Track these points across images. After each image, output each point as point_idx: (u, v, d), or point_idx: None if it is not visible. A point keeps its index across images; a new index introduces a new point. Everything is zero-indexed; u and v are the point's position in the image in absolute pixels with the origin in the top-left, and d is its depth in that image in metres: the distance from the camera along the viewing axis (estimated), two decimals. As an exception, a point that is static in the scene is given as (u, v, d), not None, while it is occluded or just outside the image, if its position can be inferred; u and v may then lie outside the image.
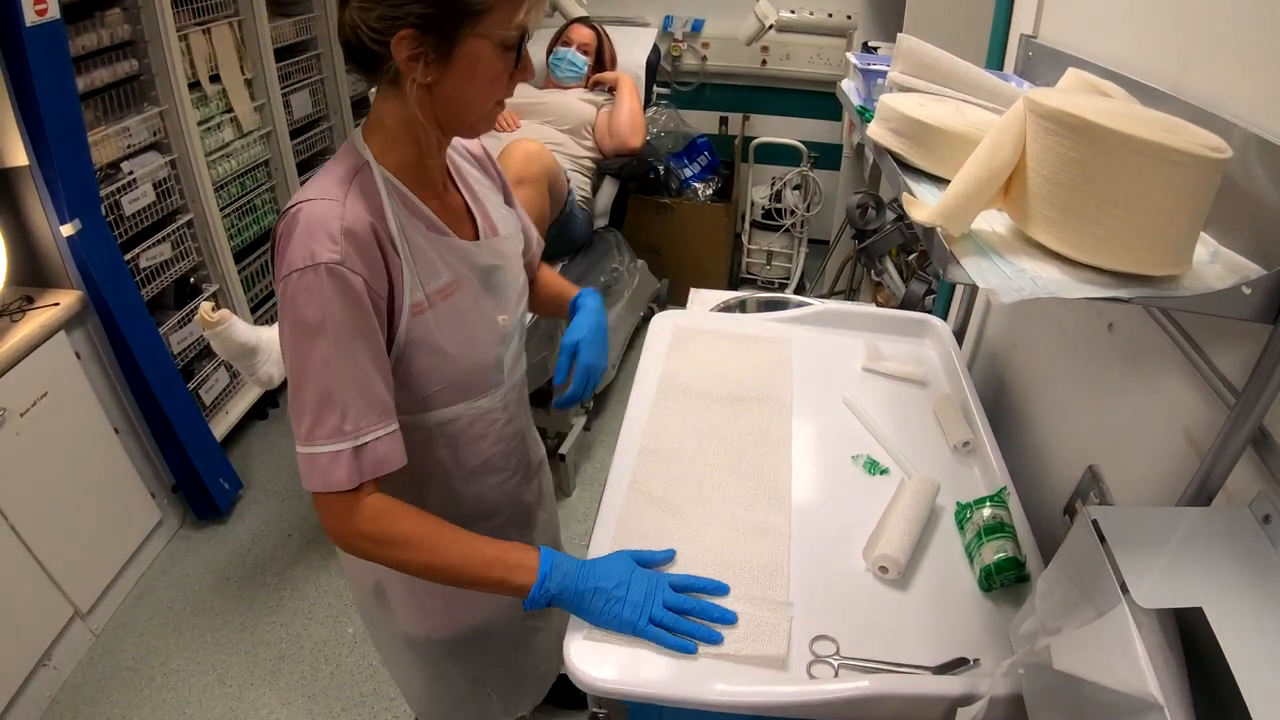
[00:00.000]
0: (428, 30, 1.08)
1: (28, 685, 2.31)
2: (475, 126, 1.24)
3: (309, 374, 1.10)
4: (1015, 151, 0.92)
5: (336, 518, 1.14)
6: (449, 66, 1.12)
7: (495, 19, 1.10)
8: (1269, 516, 0.93)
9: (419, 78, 1.12)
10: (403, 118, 1.19)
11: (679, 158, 4.19)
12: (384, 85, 1.18)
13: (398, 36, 1.08)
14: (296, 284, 1.08)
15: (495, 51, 1.13)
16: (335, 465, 1.11)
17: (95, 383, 2.54)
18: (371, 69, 1.16)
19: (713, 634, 1.19)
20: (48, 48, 2.12)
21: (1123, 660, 0.79)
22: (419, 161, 1.24)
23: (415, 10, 1.07)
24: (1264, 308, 0.88)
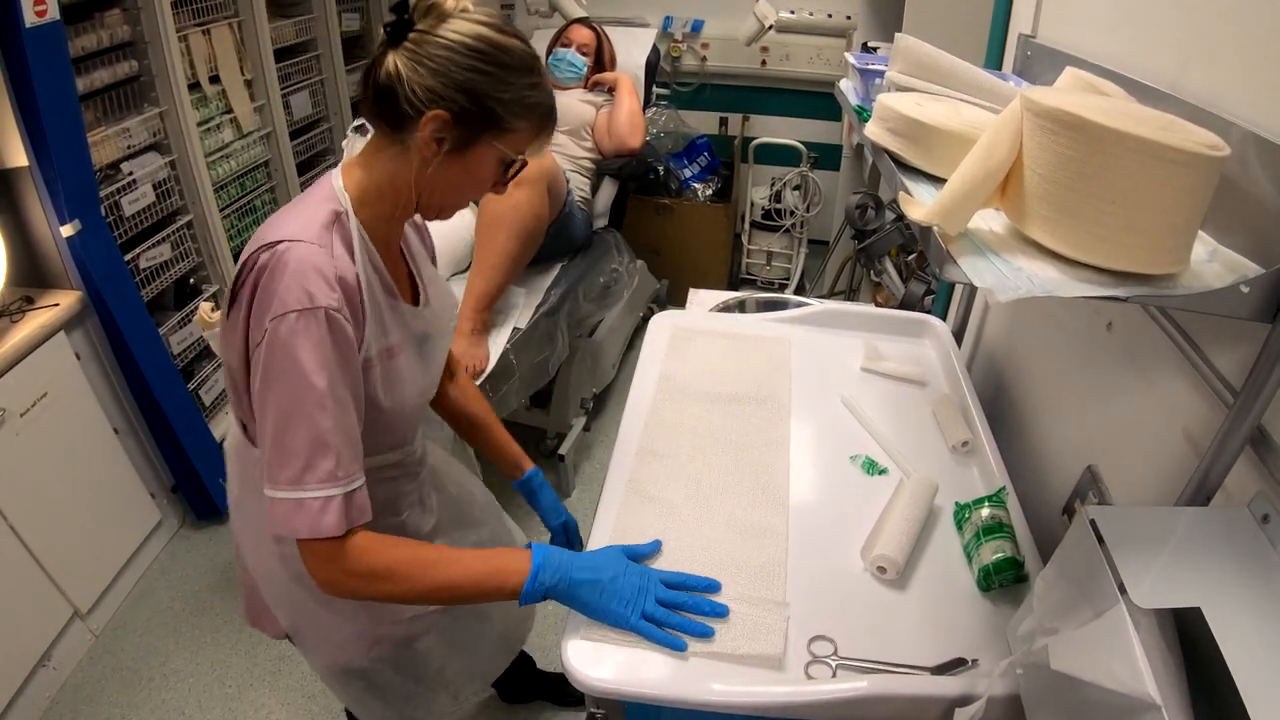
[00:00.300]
0: (459, 121, 1.14)
1: (27, 685, 2.31)
2: (445, 211, 1.29)
3: (301, 417, 1.09)
4: (1012, 150, 0.91)
5: (325, 562, 1.14)
6: (459, 158, 1.18)
7: (513, 138, 1.20)
8: (1268, 516, 0.93)
9: (429, 155, 1.16)
10: (392, 177, 1.21)
11: (679, 158, 4.19)
12: (389, 139, 1.19)
13: (434, 114, 1.12)
14: (293, 325, 1.07)
15: (497, 162, 1.22)
16: (327, 511, 1.11)
17: (95, 383, 2.53)
18: (388, 121, 1.17)
19: (704, 628, 1.19)
20: (47, 49, 2.12)
21: (1120, 661, 0.79)
22: (388, 221, 1.25)
23: (460, 100, 1.13)
24: (1262, 306, 0.87)
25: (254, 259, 1.11)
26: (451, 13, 1.15)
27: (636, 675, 1.16)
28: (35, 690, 2.34)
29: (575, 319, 3.08)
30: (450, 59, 1.12)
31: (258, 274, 1.10)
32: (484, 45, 1.14)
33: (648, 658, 1.18)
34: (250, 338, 1.10)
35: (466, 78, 1.13)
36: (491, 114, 1.16)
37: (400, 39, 1.14)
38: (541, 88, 1.22)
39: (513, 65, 1.17)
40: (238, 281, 1.13)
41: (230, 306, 1.15)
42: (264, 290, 1.08)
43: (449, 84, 1.13)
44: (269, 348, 1.07)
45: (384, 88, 1.14)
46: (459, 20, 1.14)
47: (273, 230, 1.13)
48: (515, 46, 1.18)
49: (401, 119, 1.15)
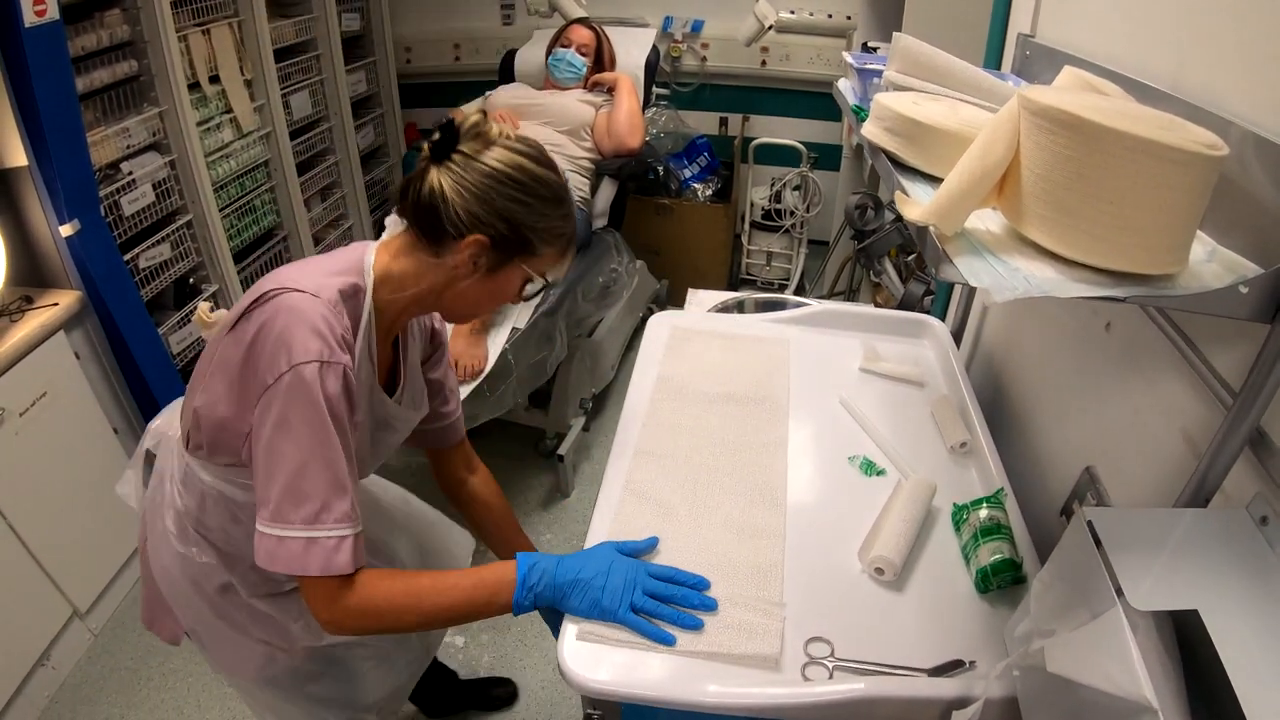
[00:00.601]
0: (496, 245, 1.24)
1: (26, 685, 2.31)
2: (466, 318, 1.42)
3: (322, 461, 1.12)
4: (1009, 149, 0.91)
5: (330, 601, 1.16)
6: (489, 276, 1.28)
7: (540, 261, 1.30)
8: (1266, 518, 0.92)
9: (464, 273, 1.26)
10: (418, 277, 1.27)
11: (678, 158, 4.18)
12: (424, 246, 1.26)
13: (475, 239, 1.22)
14: (316, 373, 1.10)
15: (520, 281, 1.32)
16: (340, 550, 1.14)
17: (94, 383, 2.53)
18: (427, 233, 1.25)
19: (693, 620, 1.21)
20: (47, 48, 2.12)
21: (1117, 663, 0.79)
22: (399, 312, 1.31)
23: (499, 227, 1.22)
24: (1261, 307, 0.87)
25: (271, 295, 1.14)
26: (495, 140, 1.24)
27: (633, 676, 1.15)
28: (34, 689, 2.34)
29: (574, 319, 3.07)
30: (493, 187, 1.21)
31: (274, 313, 1.12)
32: (523, 177, 1.23)
33: (644, 659, 1.17)
34: (261, 372, 1.12)
35: (506, 206, 1.22)
36: (526, 241, 1.25)
37: (444, 157, 1.22)
38: (570, 218, 1.32)
39: (548, 197, 1.26)
40: (247, 311, 1.16)
41: (232, 327, 1.17)
42: (283, 333, 1.11)
43: (490, 211, 1.21)
44: (290, 391, 1.10)
45: (427, 203, 1.21)
46: (500, 149, 1.23)
47: (293, 276, 1.17)
48: (550, 179, 1.27)
49: (441, 234, 1.23)
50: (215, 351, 1.21)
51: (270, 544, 1.13)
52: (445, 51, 4.63)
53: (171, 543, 1.37)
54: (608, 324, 3.45)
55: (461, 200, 1.20)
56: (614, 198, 3.41)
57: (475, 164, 1.21)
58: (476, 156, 1.22)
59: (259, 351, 1.12)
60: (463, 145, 1.22)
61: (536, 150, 1.28)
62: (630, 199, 3.84)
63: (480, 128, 1.24)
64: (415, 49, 4.63)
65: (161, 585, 1.44)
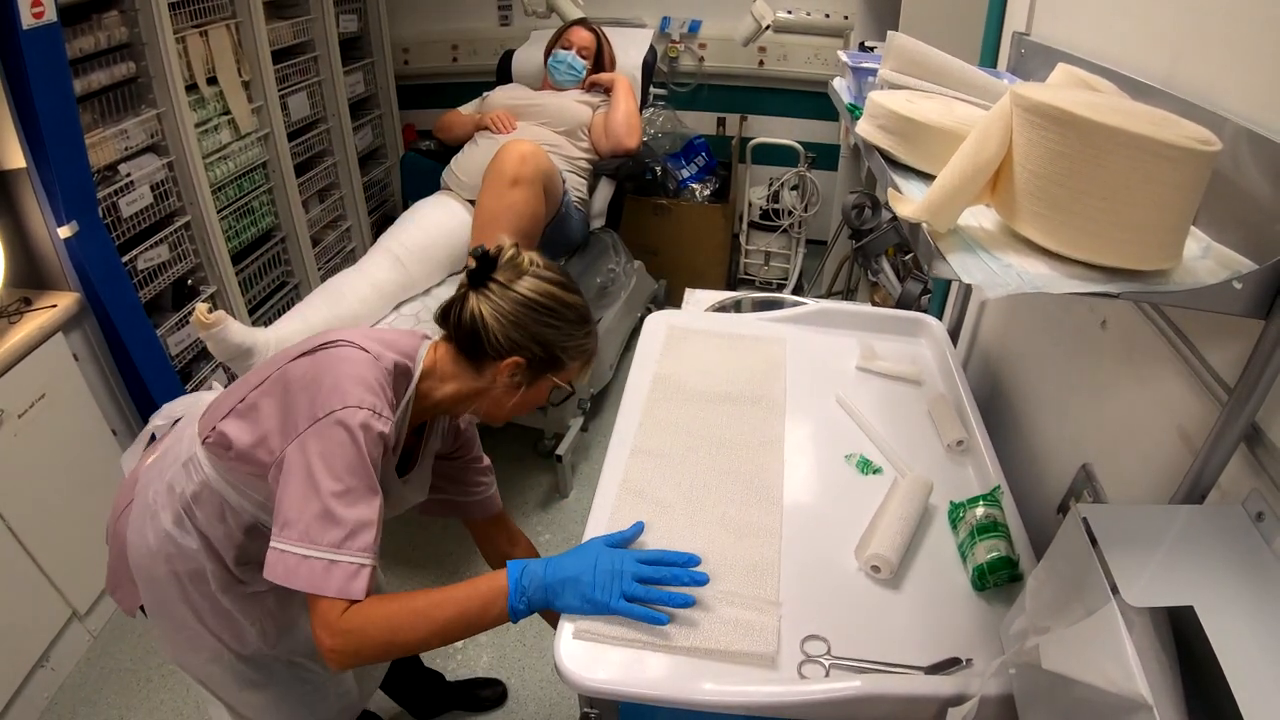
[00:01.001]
0: (531, 365, 1.39)
1: (25, 686, 2.31)
2: (497, 421, 1.53)
3: (359, 494, 1.21)
4: (1001, 146, 0.91)
5: (334, 621, 1.18)
6: (522, 389, 1.43)
7: (567, 373, 1.47)
8: (1262, 514, 0.92)
9: (500, 390, 1.42)
10: (459, 383, 1.43)
11: (676, 158, 4.18)
12: (465, 360, 1.42)
13: (514, 360, 1.37)
14: (366, 419, 1.22)
15: (548, 390, 1.47)
16: (358, 577, 1.20)
17: (93, 384, 2.53)
18: (469, 353, 1.41)
19: (685, 598, 1.24)
20: (45, 50, 2.11)
21: (1112, 660, 0.79)
22: (433, 405, 1.44)
23: (535, 350, 1.38)
24: (1256, 303, 0.87)
25: (339, 343, 1.30)
26: (526, 270, 1.39)
27: (630, 675, 1.15)
28: (34, 691, 2.34)
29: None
30: (528, 315, 1.36)
31: (339, 360, 1.27)
32: (554, 304, 1.38)
33: (641, 657, 1.17)
34: (314, 404, 1.23)
35: (540, 331, 1.37)
36: (557, 359, 1.41)
37: (481, 284, 1.38)
38: (594, 335, 1.48)
39: (575, 320, 1.41)
40: (313, 350, 1.31)
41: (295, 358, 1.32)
42: (342, 378, 1.24)
43: (526, 335, 1.37)
44: (339, 428, 1.20)
45: (469, 328, 1.37)
46: (532, 278, 1.38)
47: (359, 338, 1.33)
48: (577, 303, 1.42)
49: (482, 355, 1.39)
50: (268, 372, 1.34)
51: (292, 561, 1.18)
52: (443, 52, 4.62)
53: (160, 519, 1.40)
54: (606, 324, 3.45)
55: (500, 327, 1.35)
56: (612, 198, 3.41)
57: (510, 293, 1.36)
58: (511, 285, 1.36)
59: (317, 386, 1.24)
60: (498, 274, 1.37)
61: (565, 276, 1.43)
62: (628, 199, 3.84)
63: (515, 259, 1.39)
64: (413, 50, 4.63)
65: (132, 557, 1.46)
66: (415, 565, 2.82)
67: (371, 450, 1.22)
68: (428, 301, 2.76)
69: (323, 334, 1.36)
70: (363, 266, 2.70)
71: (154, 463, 1.48)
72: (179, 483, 1.39)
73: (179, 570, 1.41)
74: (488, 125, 3.19)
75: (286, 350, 1.38)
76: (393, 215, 3.69)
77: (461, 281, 1.41)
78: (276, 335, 2.37)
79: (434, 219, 2.87)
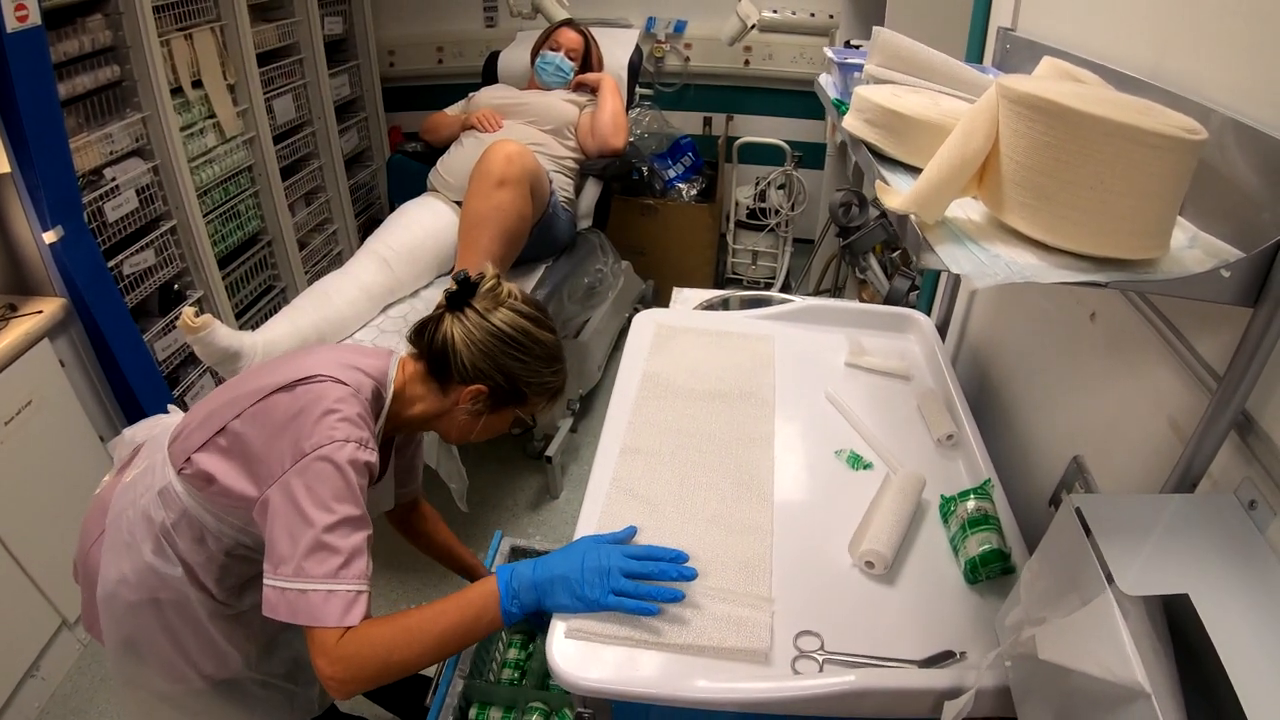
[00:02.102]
0: (493, 394, 1.43)
1: (16, 696, 2.29)
2: (457, 442, 1.62)
3: (350, 525, 1.22)
4: (988, 138, 0.91)
5: (330, 648, 1.18)
6: (485, 416, 1.47)
7: (529, 406, 1.50)
8: (1254, 502, 0.93)
9: (462, 411, 1.45)
10: (425, 403, 1.46)
11: (663, 158, 4.19)
12: (432, 379, 1.45)
13: (476, 389, 1.41)
14: (351, 454, 1.23)
15: (510, 419, 1.52)
16: (356, 604, 1.20)
17: (80, 390, 2.52)
18: (436, 373, 1.44)
19: (674, 593, 1.23)
20: (29, 54, 2.10)
21: (1109, 648, 0.79)
22: (401, 424, 1.48)
23: (498, 379, 1.41)
24: (1244, 291, 0.87)
25: (318, 379, 1.30)
26: (504, 301, 1.43)
27: (623, 674, 1.15)
28: (24, 700, 2.32)
29: (560, 320, 3.07)
30: (496, 345, 1.40)
31: (320, 396, 1.27)
32: (525, 339, 1.42)
33: (634, 656, 1.17)
34: (300, 441, 1.23)
35: (507, 364, 1.41)
36: (520, 393, 1.45)
37: (459, 308, 1.42)
38: (561, 373, 1.51)
39: (544, 356, 1.45)
40: (291, 385, 1.30)
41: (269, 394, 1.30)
42: (326, 414, 1.25)
43: (492, 366, 1.40)
44: (327, 462, 1.21)
45: (440, 349, 1.41)
46: (508, 311, 1.42)
47: (334, 368, 1.33)
48: (548, 340, 1.46)
49: (448, 377, 1.42)
50: (246, 403, 1.32)
51: (291, 596, 1.18)
52: (428, 54, 4.62)
53: (140, 550, 1.38)
54: (594, 325, 3.45)
55: (469, 353, 1.39)
56: (599, 198, 3.41)
57: (485, 322, 1.39)
58: (487, 315, 1.40)
59: (299, 425, 1.24)
60: (477, 301, 1.41)
61: (540, 312, 1.46)
62: (615, 199, 3.84)
63: (494, 290, 1.43)
64: (398, 52, 4.62)
65: (102, 587, 1.43)
66: (406, 568, 2.81)
67: (359, 480, 1.24)
68: (415, 303, 2.76)
69: (296, 362, 1.35)
70: (350, 269, 2.69)
71: (123, 490, 1.46)
72: (155, 512, 1.37)
73: (161, 599, 1.40)
74: (474, 124, 3.18)
75: (259, 375, 1.37)
76: (379, 218, 3.68)
77: (440, 301, 1.44)
78: (264, 339, 2.36)
79: (421, 220, 2.86)
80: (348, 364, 1.36)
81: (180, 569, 1.38)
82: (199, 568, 1.39)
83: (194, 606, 1.41)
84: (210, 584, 1.40)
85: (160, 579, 1.38)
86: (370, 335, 2.60)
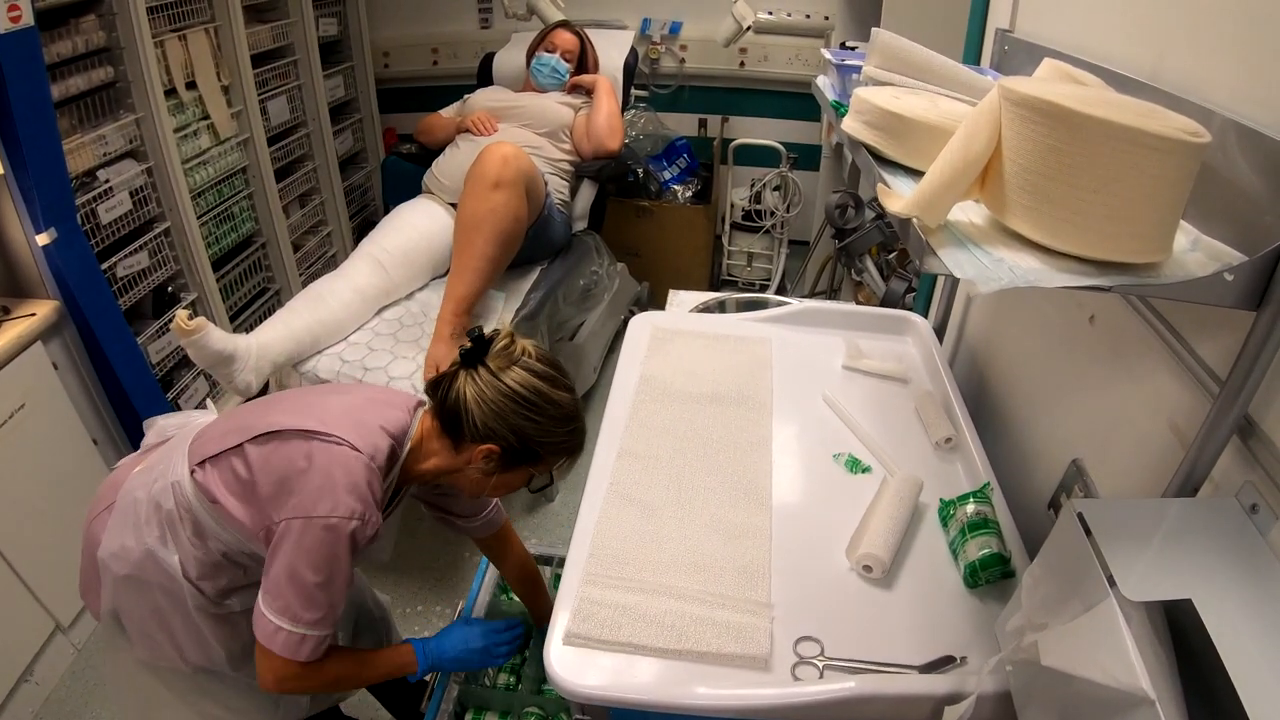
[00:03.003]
0: (505, 454, 1.40)
1: (10, 701, 2.28)
2: (473, 497, 1.60)
3: (334, 588, 1.32)
4: (990, 140, 0.91)
5: (281, 673, 1.34)
6: (498, 475, 1.45)
7: (544, 465, 1.47)
8: (1256, 506, 0.92)
9: (476, 473, 1.43)
10: (439, 459, 1.45)
11: (658, 160, 4.18)
12: (448, 437, 1.43)
13: (488, 448, 1.39)
14: (353, 529, 1.28)
15: (526, 478, 1.50)
16: (321, 646, 1.34)
17: (73, 393, 2.50)
18: (449, 430, 1.42)
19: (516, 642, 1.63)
20: (21, 55, 2.09)
21: (1112, 654, 0.78)
22: (414, 477, 1.48)
23: (510, 439, 1.39)
24: (1246, 294, 0.87)
25: (331, 440, 1.31)
26: (517, 359, 1.41)
27: (621, 680, 1.15)
28: (18, 705, 2.31)
29: (556, 322, 3.07)
30: (509, 406, 1.37)
31: (329, 462, 1.29)
32: (539, 400, 1.39)
33: (632, 662, 1.17)
34: (303, 502, 1.28)
35: (519, 425, 1.38)
36: (534, 453, 1.42)
37: (473, 365, 1.40)
38: (578, 432, 1.47)
39: (558, 417, 1.42)
40: (307, 434, 1.32)
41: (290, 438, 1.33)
42: (332, 484, 1.28)
43: (505, 426, 1.38)
44: (324, 532, 1.27)
45: (452, 408, 1.39)
46: (520, 370, 1.39)
47: (350, 428, 1.34)
48: (563, 400, 1.43)
49: (461, 435, 1.40)
50: (259, 429, 1.35)
51: (272, 628, 1.30)
52: (423, 56, 4.61)
53: (143, 532, 1.42)
54: (589, 327, 3.44)
55: (480, 413, 1.37)
56: (594, 200, 3.41)
57: (498, 382, 1.37)
58: (499, 374, 1.38)
59: (310, 485, 1.28)
60: (490, 359, 1.39)
61: (556, 370, 1.45)
62: (610, 201, 3.83)
63: (508, 348, 1.41)
64: (393, 54, 4.61)
65: (103, 555, 1.48)
66: (403, 572, 2.81)
67: (355, 546, 1.31)
68: (410, 306, 2.75)
69: (323, 404, 1.40)
70: (345, 271, 2.68)
71: (141, 472, 1.49)
72: (165, 501, 1.39)
73: (153, 582, 1.43)
74: (469, 127, 3.18)
75: (283, 405, 1.42)
76: (374, 220, 3.67)
77: (455, 359, 1.43)
78: (258, 341, 2.35)
79: (416, 223, 2.86)
80: (370, 423, 1.37)
81: (177, 558, 1.40)
82: (194, 561, 1.40)
83: (184, 597, 1.43)
84: (202, 580, 1.42)
85: (156, 563, 1.41)
86: (365, 338, 2.59)
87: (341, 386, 1.53)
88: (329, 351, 2.53)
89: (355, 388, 1.55)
